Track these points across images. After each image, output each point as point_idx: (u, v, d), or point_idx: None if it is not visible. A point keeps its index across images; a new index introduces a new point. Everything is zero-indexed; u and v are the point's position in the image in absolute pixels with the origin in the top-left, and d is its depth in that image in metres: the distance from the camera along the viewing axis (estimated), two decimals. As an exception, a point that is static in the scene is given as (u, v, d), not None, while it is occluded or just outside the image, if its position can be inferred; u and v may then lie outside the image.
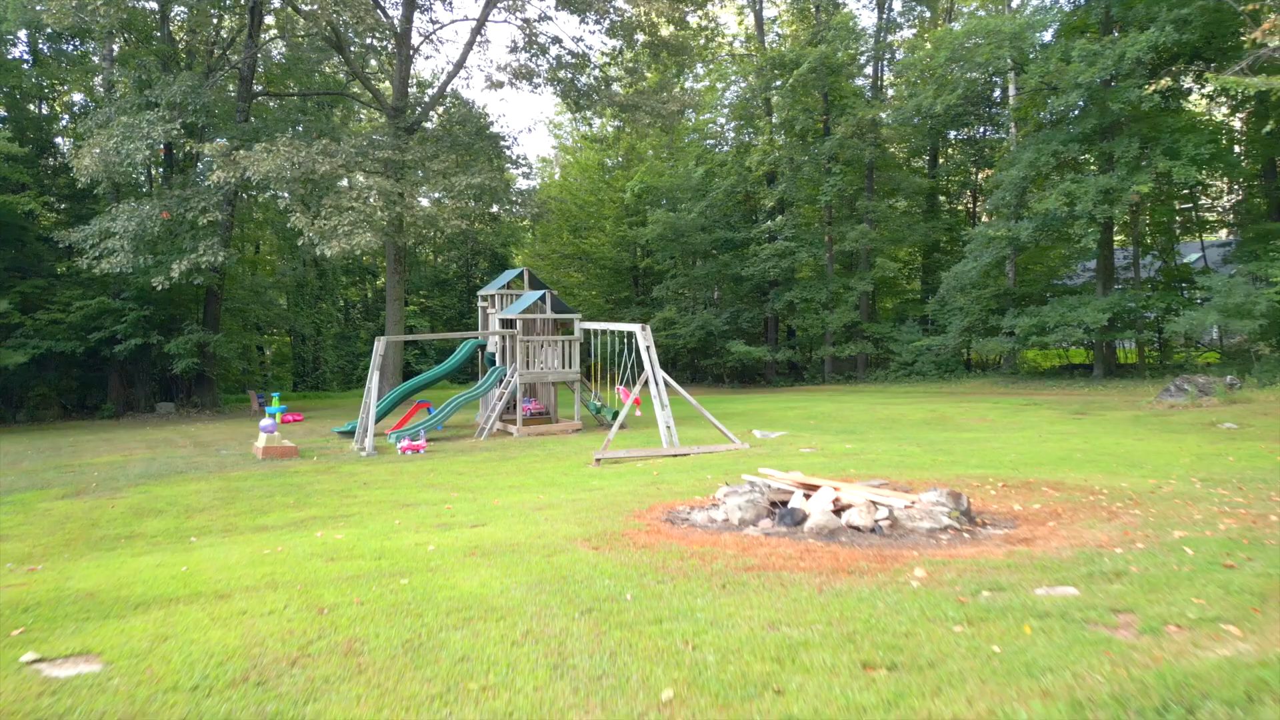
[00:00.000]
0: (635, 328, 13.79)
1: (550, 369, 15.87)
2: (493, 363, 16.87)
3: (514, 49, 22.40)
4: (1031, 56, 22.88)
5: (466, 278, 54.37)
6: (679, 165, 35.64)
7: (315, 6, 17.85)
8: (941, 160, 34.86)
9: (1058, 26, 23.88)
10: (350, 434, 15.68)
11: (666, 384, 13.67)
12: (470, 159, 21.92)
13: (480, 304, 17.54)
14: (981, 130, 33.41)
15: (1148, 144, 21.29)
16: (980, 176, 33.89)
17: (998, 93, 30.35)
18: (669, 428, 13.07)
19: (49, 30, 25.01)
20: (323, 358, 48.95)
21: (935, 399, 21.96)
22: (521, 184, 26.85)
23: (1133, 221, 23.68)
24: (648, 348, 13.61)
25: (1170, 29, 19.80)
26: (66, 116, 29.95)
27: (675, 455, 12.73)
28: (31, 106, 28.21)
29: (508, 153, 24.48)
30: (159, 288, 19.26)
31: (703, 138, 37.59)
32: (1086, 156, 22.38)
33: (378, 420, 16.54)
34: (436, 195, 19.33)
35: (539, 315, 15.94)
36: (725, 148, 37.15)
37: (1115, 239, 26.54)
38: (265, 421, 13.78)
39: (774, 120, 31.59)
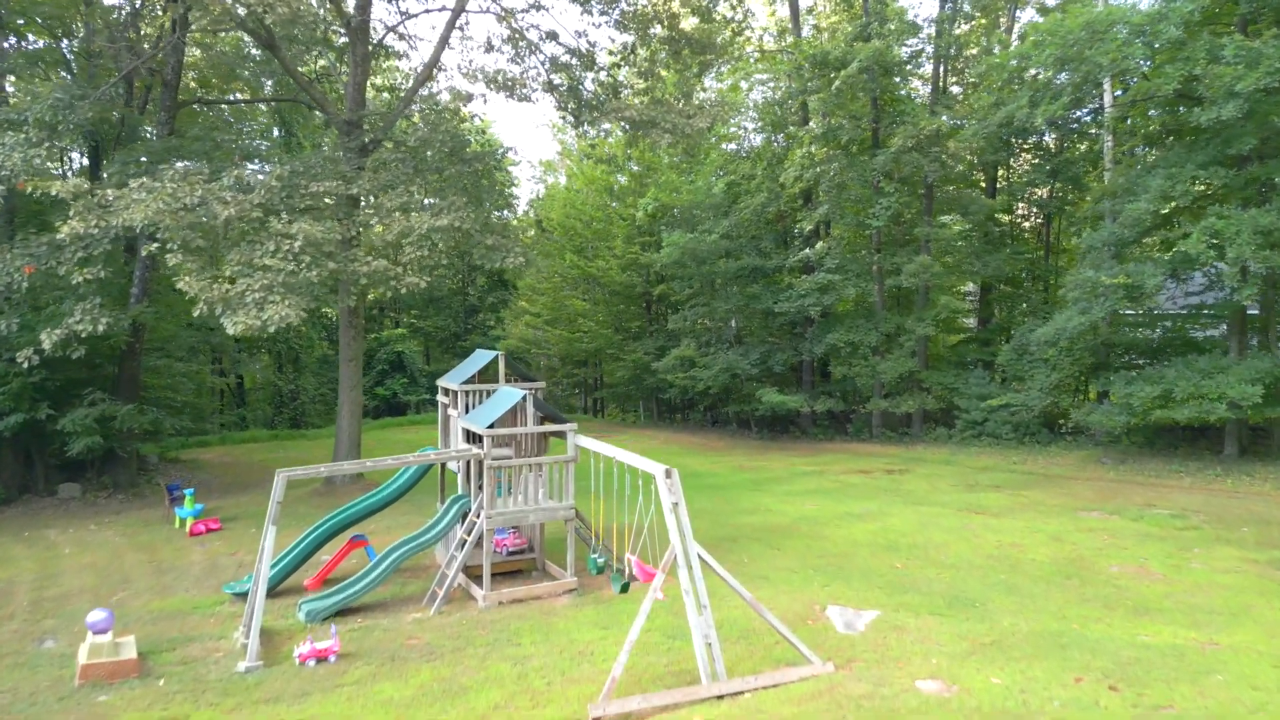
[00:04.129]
0: (658, 471, 9.01)
1: (532, 505, 11.13)
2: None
3: (490, 48, 17.61)
4: (1132, 58, 18.00)
5: (463, 294, 49.67)
6: (698, 178, 30.76)
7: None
8: (1002, 173, 29.88)
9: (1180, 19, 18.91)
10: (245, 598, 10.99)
11: (702, 560, 8.89)
12: (442, 185, 17.22)
13: (440, 399, 12.81)
14: (1048, 137, 28.36)
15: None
16: (1046, 193, 28.86)
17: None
18: (709, 645, 8.32)
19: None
20: (301, 386, 44.45)
21: (1037, 495, 17.09)
22: (510, 215, 21.90)
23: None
24: (675, 505, 8.85)
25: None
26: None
27: (720, 696, 8.03)
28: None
29: (500, 171, 19.84)
30: (24, 364, 14.61)
31: (723, 140, 32.67)
32: (1225, 184, 17.43)
33: (299, 564, 11.88)
34: (391, 235, 14.56)
35: (518, 430, 11.19)
36: (744, 153, 32.23)
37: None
38: (94, 616, 9.07)
39: (812, 128, 26.70)
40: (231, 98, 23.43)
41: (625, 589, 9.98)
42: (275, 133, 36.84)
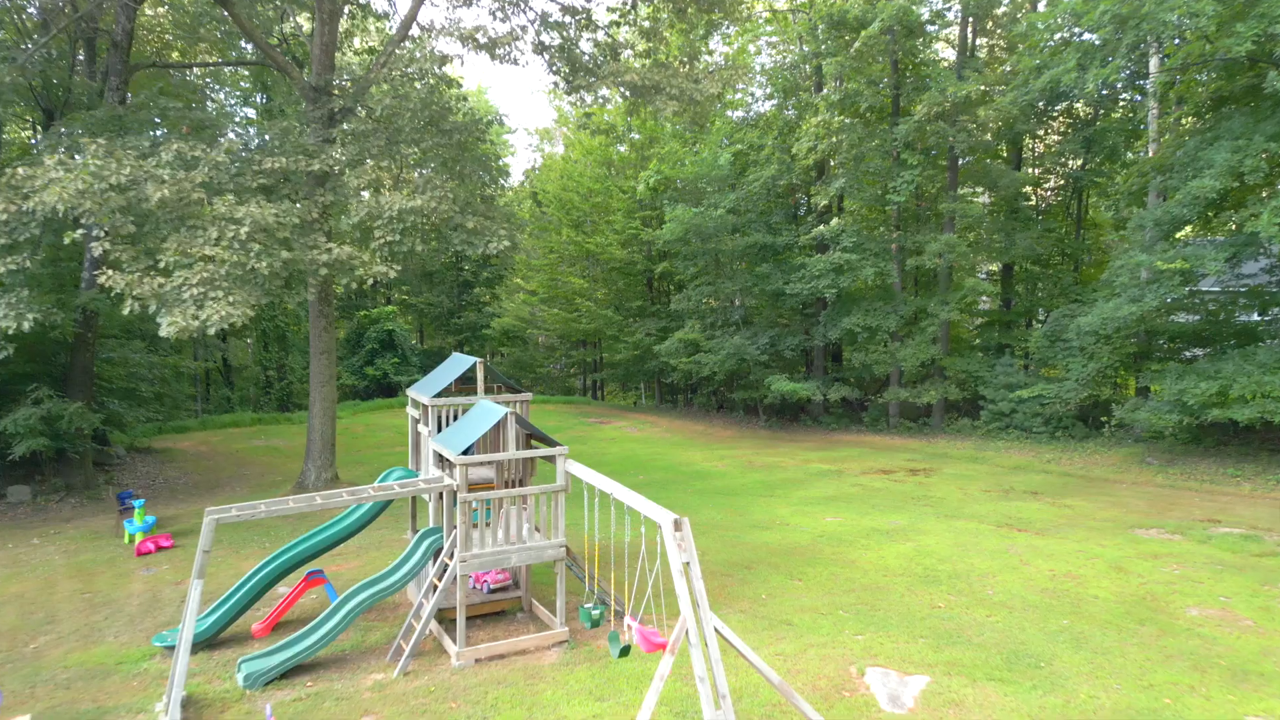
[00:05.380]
0: (666, 521, 7.29)
1: (515, 543, 9.44)
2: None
3: (469, 3, 15.62)
4: (1203, 15, 16.00)
5: (456, 269, 47.76)
6: (703, 149, 28.78)
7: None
8: (1028, 144, 27.88)
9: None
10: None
11: (720, 635, 7.22)
12: (421, 159, 15.36)
13: (410, 412, 11.09)
14: (1078, 104, 26.30)
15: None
16: (1079, 165, 26.89)
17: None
18: (729, 745, 6.68)
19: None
20: (288, 365, 42.74)
21: (1082, 504, 15.42)
22: (504, 185, 19.90)
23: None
24: (686, 565, 7.15)
25: None
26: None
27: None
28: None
29: (486, 144, 17.89)
30: (-57, 364, 12.90)
31: (729, 107, 30.61)
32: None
33: (244, 607, 10.19)
34: (356, 218, 12.74)
35: (499, 456, 9.46)
36: (752, 121, 30.18)
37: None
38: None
39: (828, 94, 24.68)
40: (193, 63, 21.39)
41: (625, 652, 8.33)
42: (260, 99, 34.74)
